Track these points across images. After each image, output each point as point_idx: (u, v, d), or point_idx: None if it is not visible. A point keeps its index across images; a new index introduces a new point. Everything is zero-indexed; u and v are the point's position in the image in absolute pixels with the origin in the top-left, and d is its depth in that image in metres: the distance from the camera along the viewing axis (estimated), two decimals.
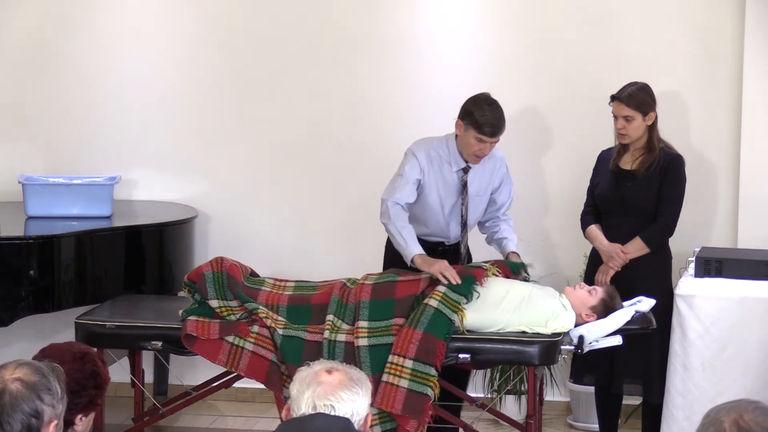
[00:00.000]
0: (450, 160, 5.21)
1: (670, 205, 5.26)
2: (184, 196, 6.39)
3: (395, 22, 6.20)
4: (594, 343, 4.82)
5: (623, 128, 5.23)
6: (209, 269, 4.98)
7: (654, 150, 5.26)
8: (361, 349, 4.71)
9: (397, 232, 5.06)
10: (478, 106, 5.10)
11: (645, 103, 5.23)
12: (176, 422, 5.93)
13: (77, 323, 5.08)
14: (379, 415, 4.61)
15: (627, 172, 5.30)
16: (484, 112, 5.07)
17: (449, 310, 4.72)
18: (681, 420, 5.12)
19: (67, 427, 3.04)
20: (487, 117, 5.06)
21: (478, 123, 5.06)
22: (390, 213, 5.09)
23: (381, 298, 4.86)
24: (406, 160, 5.21)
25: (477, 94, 5.16)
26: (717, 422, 2.37)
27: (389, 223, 5.10)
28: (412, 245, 5.02)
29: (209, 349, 4.84)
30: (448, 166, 5.21)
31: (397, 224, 5.07)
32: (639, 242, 5.24)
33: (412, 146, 5.26)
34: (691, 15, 5.92)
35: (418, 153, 5.19)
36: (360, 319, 4.79)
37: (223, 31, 6.34)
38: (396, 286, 4.91)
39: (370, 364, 4.68)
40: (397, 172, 5.21)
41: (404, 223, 5.09)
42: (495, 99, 5.12)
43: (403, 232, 5.06)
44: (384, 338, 4.74)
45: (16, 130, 6.53)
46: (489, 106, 5.10)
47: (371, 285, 4.93)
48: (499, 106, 5.11)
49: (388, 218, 5.10)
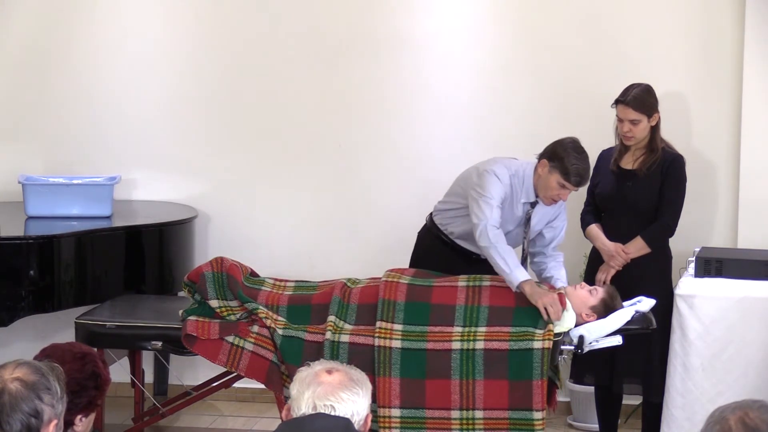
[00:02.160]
0: (521, 190, 5.08)
1: (671, 204, 5.26)
2: (184, 196, 6.38)
3: (395, 22, 6.19)
4: (594, 343, 4.83)
5: (629, 131, 5.23)
6: (209, 269, 4.98)
7: (656, 150, 5.26)
8: (394, 350, 4.71)
9: (500, 257, 4.85)
10: (568, 153, 4.95)
11: (650, 104, 5.24)
12: (176, 422, 5.93)
13: (77, 323, 5.08)
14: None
15: (628, 171, 5.30)
16: (574, 160, 4.93)
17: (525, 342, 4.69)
18: (681, 420, 5.12)
19: (67, 427, 3.04)
20: (576, 167, 4.93)
21: (567, 171, 4.93)
22: (490, 236, 4.89)
23: (416, 300, 4.85)
24: (486, 181, 5.00)
25: (567, 139, 5.03)
26: (723, 420, 2.38)
27: (490, 246, 4.88)
28: (518, 271, 4.83)
29: (209, 349, 4.85)
30: (518, 196, 5.08)
31: (499, 248, 4.87)
32: (640, 242, 5.24)
33: (492, 167, 5.06)
34: (691, 15, 5.91)
35: (502, 176, 5.02)
36: (395, 322, 4.78)
37: (223, 31, 6.34)
38: (432, 290, 4.89)
39: (400, 366, 4.70)
40: (480, 192, 4.99)
41: (505, 246, 4.89)
42: (584, 147, 5.02)
43: (507, 258, 4.85)
44: (419, 343, 4.74)
45: (16, 130, 6.52)
46: (579, 154, 4.96)
47: (406, 285, 4.91)
48: (587, 156, 5.00)
49: (488, 242, 4.89)
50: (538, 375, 4.64)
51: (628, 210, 5.29)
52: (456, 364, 4.69)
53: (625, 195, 5.28)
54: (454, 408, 4.68)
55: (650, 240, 5.24)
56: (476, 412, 4.68)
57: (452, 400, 4.68)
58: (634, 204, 5.27)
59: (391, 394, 4.70)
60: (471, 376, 4.67)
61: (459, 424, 4.68)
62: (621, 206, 5.31)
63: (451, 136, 6.15)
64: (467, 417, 4.68)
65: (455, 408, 4.69)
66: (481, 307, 4.81)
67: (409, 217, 5.69)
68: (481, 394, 4.67)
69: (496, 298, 4.84)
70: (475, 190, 5.02)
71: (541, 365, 4.64)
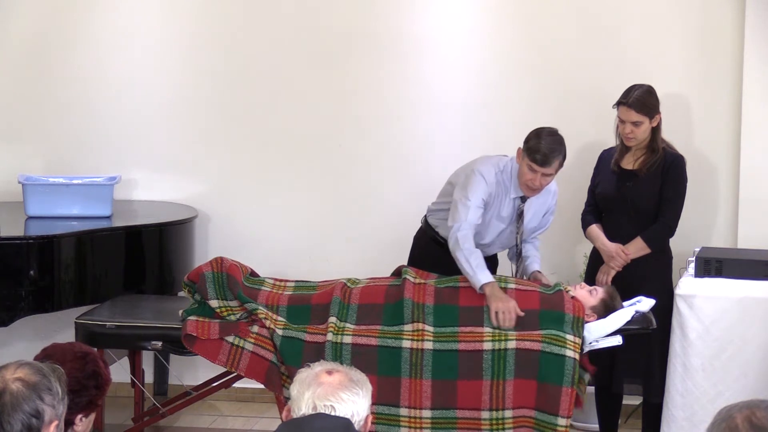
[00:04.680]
0: (510, 185, 5.10)
1: (672, 205, 5.27)
2: (184, 196, 6.38)
3: (395, 22, 6.19)
4: (594, 343, 4.83)
5: (631, 132, 5.22)
6: (209, 269, 4.98)
7: (657, 150, 5.27)
8: (426, 352, 4.72)
9: (465, 259, 4.88)
10: (539, 134, 4.98)
11: (651, 106, 5.23)
12: (176, 422, 5.93)
13: (77, 323, 5.09)
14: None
15: (629, 171, 5.30)
16: (540, 140, 4.94)
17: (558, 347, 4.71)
18: (681, 420, 5.12)
19: (68, 427, 3.04)
20: (541, 144, 4.93)
21: (531, 149, 4.94)
22: (458, 237, 4.91)
23: (445, 303, 4.87)
24: (471, 181, 5.03)
25: (545, 126, 5.05)
26: (730, 419, 2.39)
27: (456, 248, 4.91)
28: (481, 273, 4.85)
29: (209, 349, 4.85)
30: (508, 191, 5.10)
31: (465, 250, 4.89)
32: (640, 242, 5.24)
33: (479, 166, 5.08)
34: (691, 15, 5.91)
35: (486, 174, 5.04)
36: (425, 323, 4.79)
37: (223, 31, 6.34)
38: (459, 292, 4.90)
39: (432, 368, 4.71)
40: (461, 195, 5.03)
41: (472, 248, 4.90)
42: (560, 134, 5.01)
43: (471, 260, 4.87)
44: (451, 344, 4.75)
45: (16, 130, 6.52)
46: (549, 136, 4.97)
47: (434, 288, 4.91)
48: (560, 140, 4.98)
49: (455, 243, 4.92)
50: (568, 382, 4.66)
51: (629, 210, 5.29)
52: (488, 364, 4.70)
53: (626, 195, 5.28)
54: (485, 408, 4.70)
55: (650, 240, 5.25)
56: (506, 412, 4.69)
57: (482, 401, 4.69)
58: (634, 204, 5.27)
59: (422, 396, 4.71)
60: (502, 376, 4.69)
61: (489, 425, 4.70)
62: (621, 206, 5.31)
63: (452, 135, 6.15)
64: (497, 417, 4.70)
65: (485, 408, 4.70)
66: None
67: (410, 217, 5.68)
68: (510, 394, 4.69)
69: (522, 301, 4.84)
70: (458, 191, 5.06)
71: (573, 373, 4.66)
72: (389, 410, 4.71)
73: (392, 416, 4.71)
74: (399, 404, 4.70)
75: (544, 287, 4.98)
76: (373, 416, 4.57)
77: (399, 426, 4.71)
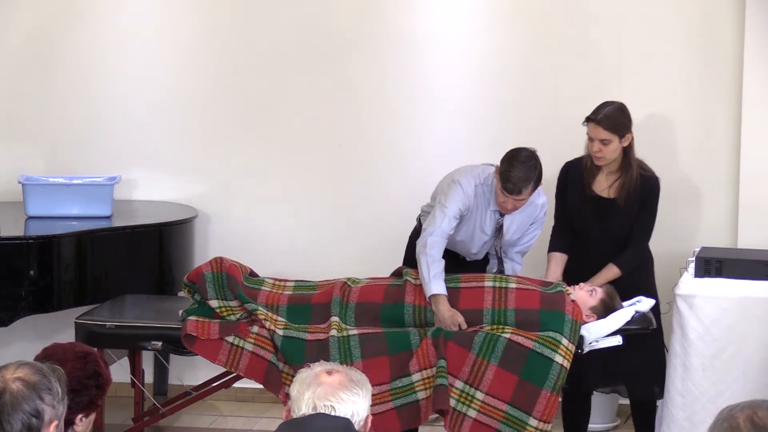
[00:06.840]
0: (490, 198, 5.04)
1: (646, 230, 5.20)
2: (184, 196, 6.38)
3: (395, 22, 6.19)
4: (594, 343, 4.84)
5: (600, 151, 5.08)
6: (209, 269, 4.99)
7: (629, 171, 5.12)
8: (430, 329, 4.80)
9: (426, 265, 4.85)
10: (511, 159, 4.88)
11: (622, 125, 5.08)
12: (176, 422, 5.93)
13: (77, 323, 5.09)
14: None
15: (608, 202, 5.18)
16: (512, 167, 4.85)
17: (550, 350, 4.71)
18: (681, 420, 5.12)
19: (68, 426, 3.04)
20: (511, 174, 4.85)
21: (502, 176, 4.87)
22: (427, 241, 4.88)
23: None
24: (451, 190, 4.98)
25: (521, 148, 4.95)
26: (731, 418, 2.40)
27: (421, 252, 4.88)
28: (434, 283, 4.82)
29: (209, 349, 4.85)
30: (488, 204, 5.05)
31: (429, 256, 4.86)
32: (614, 269, 5.15)
33: (460, 177, 5.03)
34: (691, 15, 5.91)
35: (466, 187, 4.99)
36: (428, 326, 4.85)
37: (223, 31, 6.34)
38: (459, 293, 4.90)
39: (433, 330, 4.78)
40: (440, 201, 4.99)
41: (437, 256, 4.87)
42: (535, 157, 4.90)
43: (431, 267, 4.84)
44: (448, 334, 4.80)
45: (16, 130, 6.52)
46: (521, 163, 4.85)
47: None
48: (533, 166, 4.86)
49: (422, 247, 4.89)
50: (550, 387, 4.66)
51: (610, 241, 5.19)
52: (480, 339, 4.72)
53: (611, 228, 5.18)
54: (461, 378, 4.71)
55: (624, 266, 5.15)
56: (478, 393, 4.69)
57: (462, 371, 4.71)
58: (620, 237, 5.19)
59: (429, 355, 4.73)
60: (487, 357, 4.70)
61: (458, 395, 4.70)
62: (604, 238, 5.19)
63: (451, 135, 6.15)
64: (468, 393, 4.70)
65: (461, 379, 4.71)
66: (508, 310, 4.84)
67: (410, 216, 5.67)
68: (489, 378, 4.69)
69: (522, 301, 4.86)
70: (441, 197, 5.04)
71: (557, 380, 4.66)
72: (402, 382, 4.73)
73: (407, 386, 4.73)
74: (410, 372, 4.73)
75: (545, 286, 4.98)
76: (388, 394, 4.65)
77: (415, 392, 4.73)
